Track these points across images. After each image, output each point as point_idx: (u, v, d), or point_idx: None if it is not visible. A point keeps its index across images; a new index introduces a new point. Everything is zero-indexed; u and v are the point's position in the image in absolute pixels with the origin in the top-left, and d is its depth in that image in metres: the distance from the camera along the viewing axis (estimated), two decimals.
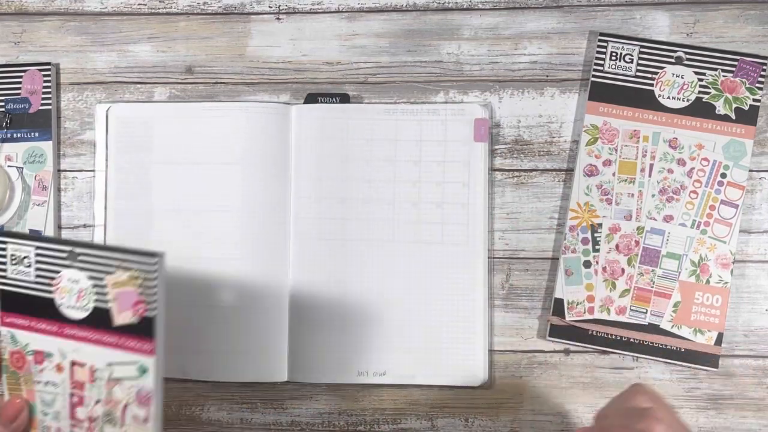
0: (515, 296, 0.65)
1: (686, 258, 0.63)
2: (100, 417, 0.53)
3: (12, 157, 0.65)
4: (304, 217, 0.64)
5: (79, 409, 0.53)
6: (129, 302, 0.50)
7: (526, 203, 0.65)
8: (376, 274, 0.64)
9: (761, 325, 0.64)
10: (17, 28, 0.68)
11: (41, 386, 0.53)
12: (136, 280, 0.50)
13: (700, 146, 0.64)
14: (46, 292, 0.52)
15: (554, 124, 0.66)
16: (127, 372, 0.52)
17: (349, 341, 0.64)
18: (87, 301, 0.51)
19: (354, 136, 0.65)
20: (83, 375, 0.52)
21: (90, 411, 0.53)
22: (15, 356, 0.54)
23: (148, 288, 0.50)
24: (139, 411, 0.51)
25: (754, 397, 0.64)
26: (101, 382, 0.52)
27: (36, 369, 0.53)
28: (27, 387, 0.54)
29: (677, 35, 0.65)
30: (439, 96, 0.66)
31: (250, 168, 0.64)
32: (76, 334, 0.52)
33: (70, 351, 0.52)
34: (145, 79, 0.67)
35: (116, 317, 0.51)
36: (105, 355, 0.52)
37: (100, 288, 0.51)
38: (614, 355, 0.64)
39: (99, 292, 0.51)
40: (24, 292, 0.52)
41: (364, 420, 0.64)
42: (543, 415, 0.64)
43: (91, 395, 0.52)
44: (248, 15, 0.67)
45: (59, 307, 0.52)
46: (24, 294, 0.52)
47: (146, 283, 0.49)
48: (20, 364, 0.54)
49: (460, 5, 0.67)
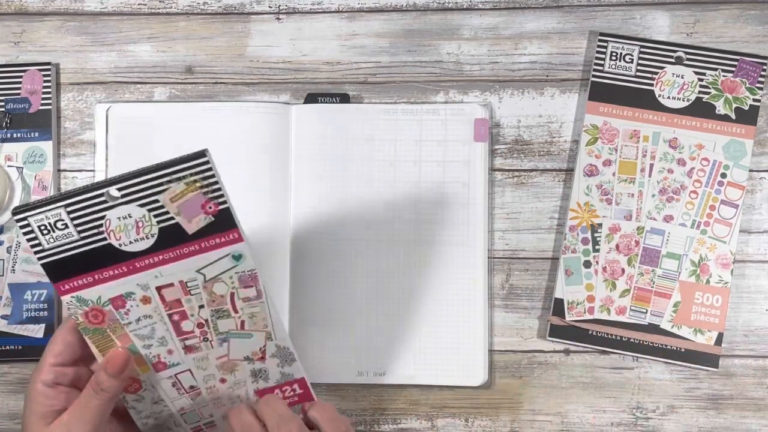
0: (515, 296, 0.65)
1: (686, 258, 0.63)
2: (209, 318, 0.51)
3: (12, 157, 0.65)
4: (304, 217, 0.64)
5: (184, 323, 0.51)
6: (196, 207, 0.47)
7: (526, 203, 0.65)
8: (376, 274, 0.64)
9: (761, 325, 0.64)
10: (17, 28, 0.68)
11: (133, 325, 0.50)
12: (194, 184, 0.47)
13: (700, 146, 0.64)
14: (99, 241, 0.47)
15: (554, 124, 0.66)
16: (222, 266, 0.49)
17: (349, 341, 0.64)
18: (149, 228, 0.47)
19: (354, 136, 0.65)
20: (175, 293, 0.50)
21: (197, 319, 0.51)
22: (91, 315, 0.50)
23: (210, 185, 0.47)
24: (248, 292, 0.50)
25: (754, 397, 0.64)
26: (198, 289, 0.50)
27: (120, 314, 0.50)
28: (118, 334, 0.50)
29: (677, 35, 0.65)
30: (439, 96, 0.66)
31: (249, 168, 0.64)
32: (150, 262, 0.48)
33: (151, 280, 0.49)
34: (145, 79, 0.67)
35: (189, 226, 0.48)
36: (191, 266, 0.49)
37: (157, 210, 0.47)
38: (614, 355, 0.64)
39: (158, 214, 0.47)
40: (73, 254, 0.47)
41: (364, 420, 0.64)
42: (543, 415, 0.64)
43: (192, 305, 0.50)
44: (248, 15, 0.67)
45: (121, 247, 0.48)
46: (74, 255, 0.47)
47: (206, 181, 0.47)
48: (99, 319, 0.50)
49: (460, 5, 0.67)
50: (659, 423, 0.63)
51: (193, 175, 0.46)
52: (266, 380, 0.54)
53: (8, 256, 0.65)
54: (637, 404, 0.64)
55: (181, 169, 0.46)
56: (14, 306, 0.64)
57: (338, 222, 0.64)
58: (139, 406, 0.54)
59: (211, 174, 0.46)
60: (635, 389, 0.64)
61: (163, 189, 0.46)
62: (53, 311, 0.64)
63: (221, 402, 0.55)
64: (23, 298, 0.64)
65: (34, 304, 0.64)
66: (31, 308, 0.64)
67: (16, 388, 0.65)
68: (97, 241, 0.47)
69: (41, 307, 0.64)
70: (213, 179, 0.47)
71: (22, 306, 0.64)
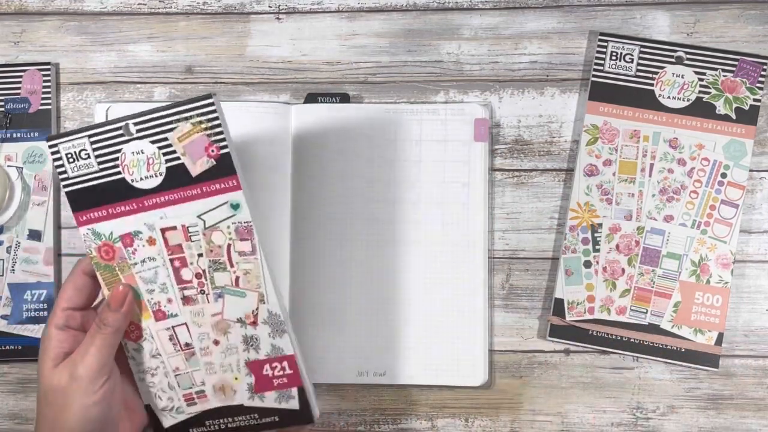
0: (515, 296, 0.65)
1: (686, 258, 0.63)
2: (206, 269, 0.54)
3: (12, 157, 0.65)
4: (303, 217, 0.64)
5: (184, 270, 0.54)
6: (200, 149, 0.52)
7: (526, 203, 0.65)
8: (376, 274, 0.64)
9: (761, 325, 0.64)
10: (17, 28, 0.68)
11: (139, 266, 0.54)
12: (200, 125, 0.52)
13: (700, 146, 0.64)
14: (114, 174, 0.53)
15: (554, 124, 0.66)
16: (221, 215, 0.53)
17: (349, 341, 0.64)
18: (158, 165, 0.53)
19: (354, 136, 0.65)
20: (178, 237, 0.54)
21: (195, 268, 0.54)
22: (103, 250, 0.54)
23: (214, 128, 0.52)
24: (244, 245, 0.54)
25: (754, 397, 0.64)
26: (198, 236, 0.54)
27: (128, 252, 0.54)
28: (125, 274, 0.54)
29: (677, 35, 0.65)
30: (439, 96, 0.66)
31: (249, 168, 0.64)
32: (157, 201, 0.53)
33: (156, 221, 0.53)
34: (145, 78, 0.67)
35: (193, 168, 0.52)
36: (193, 210, 0.53)
37: (166, 148, 0.52)
38: (614, 355, 0.64)
39: (166, 152, 0.52)
40: (92, 184, 0.53)
41: (364, 420, 0.64)
42: (543, 415, 0.64)
43: (192, 252, 0.54)
44: (248, 15, 0.67)
45: (133, 183, 0.53)
46: (92, 186, 0.53)
47: (211, 123, 0.51)
48: (110, 256, 0.54)
49: (460, 5, 0.67)
50: (659, 423, 0.63)
51: (199, 115, 0.51)
52: (257, 351, 0.56)
53: (8, 256, 0.65)
54: (637, 404, 0.64)
55: (189, 108, 0.51)
56: (14, 306, 0.64)
57: (338, 222, 0.64)
58: (139, 357, 0.56)
59: (215, 117, 0.51)
60: (635, 389, 0.64)
61: (172, 127, 0.52)
62: None
63: (213, 369, 0.56)
64: (23, 298, 0.64)
65: (33, 304, 0.64)
66: (31, 308, 0.64)
67: (16, 388, 0.65)
68: (112, 174, 0.53)
69: (41, 307, 0.64)
70: (217, 122, 0.51)
71: (21, 306, 0.64)
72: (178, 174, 0.52)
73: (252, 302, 0.55)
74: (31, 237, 0.65)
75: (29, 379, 0.65)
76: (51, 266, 0.65)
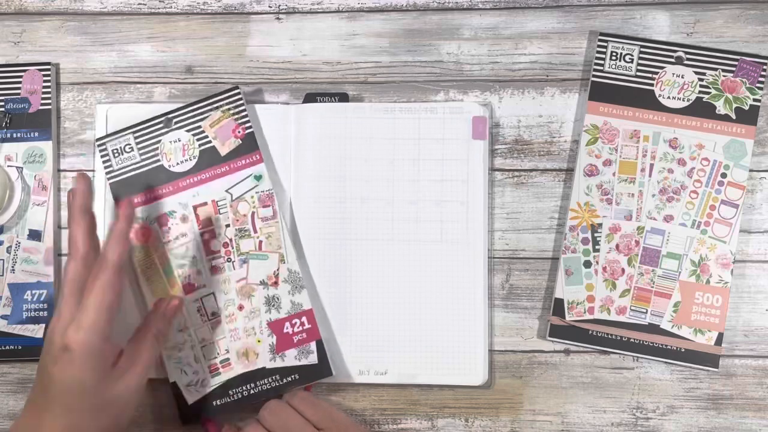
0: (515, 296, 0.65)
1: (686, 258, 0.63)
2: (233, 238, 0.61)
3: (12, 157, 0.65)
4: (303, 217, 0.64)
5: (213, 242, 0.61)
6: (228, 131, 0.62)
7: (526, 203, 0.65)
8: (376, 274, 0.64)
9: (761, 325, 0.64)
10: (17, 28, 0.68)
11: (172, 243, 0.62)
12: (228, 112, 0.62)
13: (700, 146, 0.64)
14: (154, 162, 0.62)
15: (554, 124, 0.66)
16: (246, 186, 0.62)
17: (349, 341, 0.64)
18: (192, 150, 0.62)
19: (353, 135, 0.65)
20: (208, 211, 0.62)
21: (223, 239, 0.61)
22: (139, 233, 0.61)
23: (240, 113, 0.62)
24: (266, 211, 0.61)
25: (754, 397, 0.64)
26: (226, 207, 0.61)
27: (163, 232, 0.61)
28: (158, 252, 0.61)
29: (677, 35, 0.65)
30: (439, 96, 0.66)
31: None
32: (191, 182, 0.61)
33: (189, 199, 0.62)
34: (145, 79, 0.67)
35: (223, 148, 0.62)
36: (222, 185, 0.62)
37: (199, 134, 0.62)
38: (614, 355, 0.64)
39: (199, 138, 0.62)
40: (134, 174, 0.62)
41: (364, 420, 0.64)
42: (543, 415, 0.64)
43: (220, 224, 0.61)
44: (248, 15, 0.67)
45: (170, 168, 0.62)
46: (135, 175, 0.62)
47: (237, 109, 0.62)
48: (146, 237, 0.61)
49: (460, 5, 0.67)
50: (659, 423, 0.63)
51: (228, 105, 0.62)
52: (279, 310, 0.61)
53: (8, 256, 0.65)
54: (637, 404, 0.64)
55: (219, 99, 0.63)
56: (14, 306, 0.64)
57: (338, 221, 0.64)
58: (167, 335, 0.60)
59: (242, 104, 0.62)
60: (635, 389, 0.64)
61: (205, 116, 0.62)
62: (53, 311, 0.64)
63: (237, 335, 0.61)
64: (23, 298, 0.64)
65: (33, 304, 0.64)
66: (31, 308, 0.64)
67: (16, 388, 0.65)
68: (153, 162, 0.62)
69: (41, 307, 0.64)
70: (242, 108, 0.62)
71: (21, 306, 0.64)
72: (209, 155, 0.62)
73: (274, 263, 0.61)
74: (31, 237, 0.65)
75: (29, 379, 0.65)
76: (51, 266, 0.65)
